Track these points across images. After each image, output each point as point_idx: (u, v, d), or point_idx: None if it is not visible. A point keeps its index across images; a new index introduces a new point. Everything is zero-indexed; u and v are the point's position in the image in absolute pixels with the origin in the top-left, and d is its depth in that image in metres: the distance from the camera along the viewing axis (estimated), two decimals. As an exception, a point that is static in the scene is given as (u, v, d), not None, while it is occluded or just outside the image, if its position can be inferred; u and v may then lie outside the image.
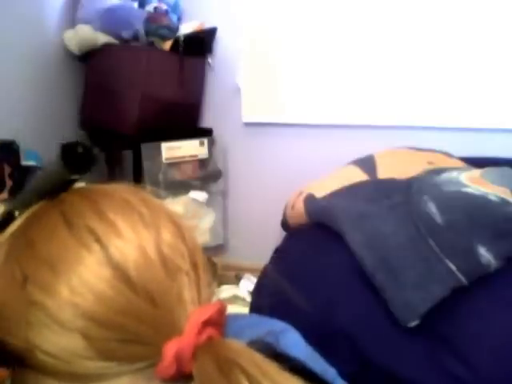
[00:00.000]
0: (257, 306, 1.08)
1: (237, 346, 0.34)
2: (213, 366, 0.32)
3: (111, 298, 0.33)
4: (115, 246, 0.35)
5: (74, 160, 0.39)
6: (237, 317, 0.50)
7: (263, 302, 1.05)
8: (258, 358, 0.33)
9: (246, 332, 0.43)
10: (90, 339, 0.33)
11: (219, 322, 0.35)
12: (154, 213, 0.39)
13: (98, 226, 0.36)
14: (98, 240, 0.35)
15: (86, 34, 1.77)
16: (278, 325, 0.52)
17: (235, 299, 1.80)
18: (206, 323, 0.34)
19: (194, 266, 0.38)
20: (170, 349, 0.32)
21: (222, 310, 0.36)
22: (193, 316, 0.34)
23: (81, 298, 0.33)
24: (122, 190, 0.41)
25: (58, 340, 0.33)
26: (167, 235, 0.37)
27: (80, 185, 0.43)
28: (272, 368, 0.33)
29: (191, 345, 0.33)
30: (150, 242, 0.36)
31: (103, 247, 0.35)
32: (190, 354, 0.33)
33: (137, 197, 0.40)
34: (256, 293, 1.17)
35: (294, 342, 0.49)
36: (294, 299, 0.96)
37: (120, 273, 0.34)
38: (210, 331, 0.34)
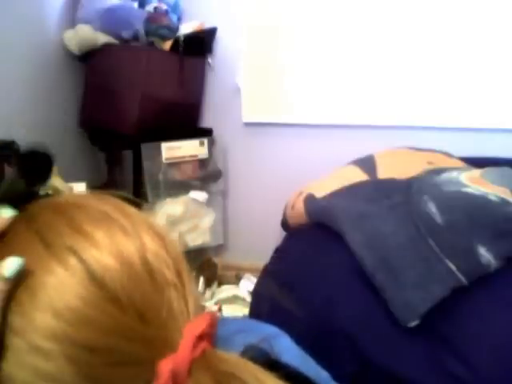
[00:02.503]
0: (256, 311, 1.08)
1: (231, 358, 0.33)
2: (210, 380, 0.31)
3: (98, 320, 0.31)
4: (98, 263, 0.33)
5: (33, 169, 0.37)
6: (226, 321, 0.49)
7: (263, 306, 1.05)
8: (254, 368, 0.33)
9: (237, 337, 0.43)
10: (78, 366, 0.31)
11: (211, 333, 0.34)
12: (135, 223, 0.37)
13: (77, 244, 0.34)
14: (80, 259, 0.33)
15: (86, 34, 1.77)
16: (269, 330, 0.52)
17: (235, 299, 1.80)
18: (200, 337, 0.33)
19: (179, 276, 0.36)
20: (165, 366, 0.31)
21: (213, 322, 0.34)
22: (186, 331, 0.33)
23: (65, 323, 0.31)
24: (98, 201, 0.39)
25: (43, 368, 0.31)
26: (150, 243, 0.36)
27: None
28: (269, 378, 0.32)
29: (187, 360, 0.31)
30: (134, 255, 0.34)
31: (85, 266, 0.33)
32: (185, 369, 0.31)
33: (115, 208, 0.38)
34: (255, 297, 1.17)
35: (287, 347, 0.48)
36: (293, 301, 0.96)
37: (105, 292, 0.32)
38: (203, 344, 0.33)
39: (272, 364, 0.35)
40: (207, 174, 1.94)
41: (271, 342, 0.42)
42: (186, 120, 1.98)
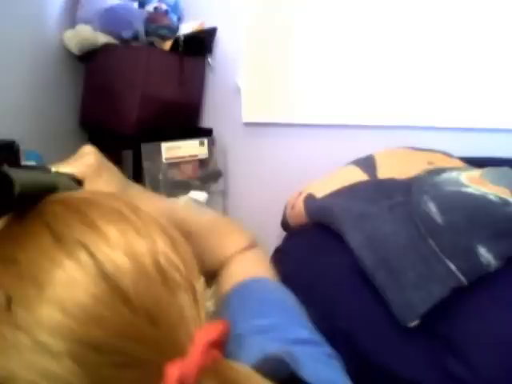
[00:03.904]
0: None
1: (242, 370, 0.32)
2: None
3: (108, 319, 0.30)
4: (110, 260, 0.32)
5: None
6: (249, 312, 0.48)
7: None
8: (263, 382, 0.32)
9: (256, 338, 0.41)
10: (84, 366, 0.29)
11: (222, 342, 0.33)
12: (146, 223, 0.36)
13: (89, 239, 0.32)
14: (91, 254, 0.32)
15: (86, 34, 1.77)
16: (300, 334, 0.49)
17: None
18: (211, 345, 0.31)
19: (190, 279, 0.35)
20: (173, 371, 0.29)
21: (225, 331, 0.33)
22: (198, 336, 0.32)
23: (73, 320, 0.30)
24: (110, 199, 0.38)
25: (46, 367, 0.29)
26: (162, 246, 0.35)
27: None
28: None
29: (196, 367, 0.30)
30: (146, 255, 0.33)
31: (97, 262, 0.31)
32: (193, 377, 0.30)
33: (127, 206, 0.37)
34: None
35: (310, 358, 0.45)
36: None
37: (117, 291, 0.31)
38: (213, 353, 0.32)
39: (290, 381, 0.33)
40: (207, 174, 1.94)
41: (294, 353, 0.39)
42: (186, 120, 1.98)
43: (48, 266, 0.31)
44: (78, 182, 0.45)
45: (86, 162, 0.49)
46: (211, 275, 0.63)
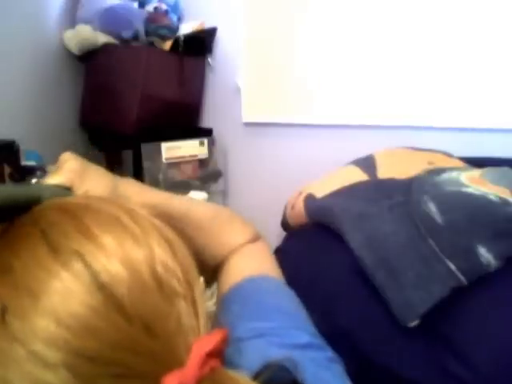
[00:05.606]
0: None
1: (241, 380, 0.32)
2: None
3: (103, 330, 0.30)
4: (106, 270, 0.31)
5: None
6: (247, 315, 0.47)
7: None
8: None
9: (255, 342, 0.40)
10: (79, 377, 0.29)
11: (221, 351, 0.33)
12: (144, 230, 0.35)
13: (84, 248, 0.32)
14: (87, 264, 0.31)
15: (86, 34, 1.77)
16: (301, 339, 0.48)
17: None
18: (210, 354, 0.31)
19: (190, 288, 0.34)
20: (171, 382, 0.29)
21: (224, 340, 0.33)
22: (196, 346, 0.31)
23: (67, 331, 0.29)
24: (108, 205, 0.37)
25: (42, 377, 0.29)
26: (160, 253, 0.34)
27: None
28: None
29: (194, 378, 0.29)
30: (143, 264, 0.33)
31: (92, 272, 0.31)
32: None
33: (125, 212, 0.36)
34: None
35: (311, 364, 0.44)
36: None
37: (112, 301, 0.30)
38: (212, 362, 0.31)
39: None
40: (207, 174, 1.94)
41: (295, 359, 0.38)
42: (185, 120, 1.98)
43: (43, 277, 0.31)
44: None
45: (68, 168, 0.48)
46: (213, 270, 0.62)
